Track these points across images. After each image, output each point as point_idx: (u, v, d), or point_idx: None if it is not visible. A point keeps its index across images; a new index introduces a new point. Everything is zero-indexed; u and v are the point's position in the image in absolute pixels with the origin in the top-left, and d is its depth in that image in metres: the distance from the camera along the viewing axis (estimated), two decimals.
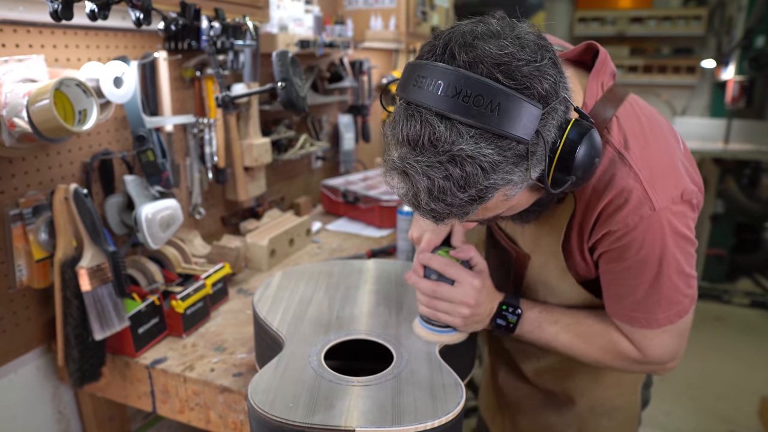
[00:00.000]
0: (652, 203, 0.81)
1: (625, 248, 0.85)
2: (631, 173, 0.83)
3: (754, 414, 2.54)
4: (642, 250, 0.84)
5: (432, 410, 0.76)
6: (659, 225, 0.82)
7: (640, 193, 0.82)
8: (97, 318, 1.11)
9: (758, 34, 3.78)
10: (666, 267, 0.85)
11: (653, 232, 0.82)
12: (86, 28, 1.24)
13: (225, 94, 1.29)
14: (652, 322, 0.89)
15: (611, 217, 0.84)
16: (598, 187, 0.85)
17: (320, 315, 1.01)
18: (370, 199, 1.97)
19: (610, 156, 0.84)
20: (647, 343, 0.91)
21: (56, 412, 1.29)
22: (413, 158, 0.68)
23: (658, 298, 0.87)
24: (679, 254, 0.85)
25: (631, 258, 0.85)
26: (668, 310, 0.88)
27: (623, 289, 0.89)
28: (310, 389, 0.80)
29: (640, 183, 0.82)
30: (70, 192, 1.10)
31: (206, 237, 1.69)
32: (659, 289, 0.86)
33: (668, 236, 0.83)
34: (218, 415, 1.11)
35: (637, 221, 0.82)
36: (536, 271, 1.02)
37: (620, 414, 1.15)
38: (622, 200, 0.83)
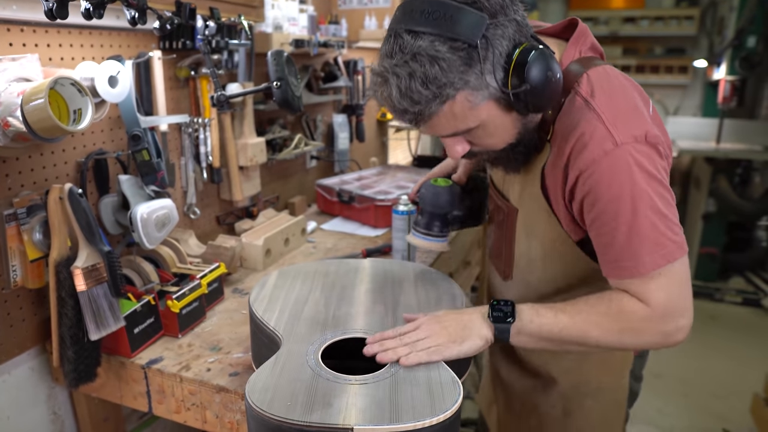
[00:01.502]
0: (614, 138, 0.87)
1: (595, 187, 0.88)
2: (594, 115, 0.89)
3: (747, 411, 2.56)
4: (611, 186, 0.87)
5: (430, 408, 0.76)
6: (624, 160, 0.86)
7: (602, 131, 0.88)
8: (92, 318, 1.10)
9: (749, 34, 3.81)
10: (639, 204, 0.86)
11: (619, 167, 0.87)
12: (80, 27, 1.24)
13: (220, 93, 1.28)
14: (639, 267, 0.88)
15: (578, 157, 0.89)
16: (566, 132, 0.92)
17: (317, 314, 1.01)
18: (365, 199, 1.97)
19: (578, 104, 0.92)
20: (644, 290, 0.89)
21: (51, 413, 1.28)
22: (387, 62, 0.84)
23: (639, 240, 0.87)
24: (651, 193, 0.87)
25: (602, 197, 0.88)
26: (653, 252, 0.87)
27: (605, 238, 0.90)
28: (308, 388, 0.80)
29: (602, 122, 0.88)
30: (65, 191, 1.10)
31: (201, 237, 1.69)
32: (638, 229, 0.87)
33: (635, 172, 0.86)
34: (215, 415, 1.10)
35: (601, 155, 0.87)
36: (524, 223, 1.07)
37: (606, 396, 1.16)
38: (586, 139, 0.88)
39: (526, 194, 1.04)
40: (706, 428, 2.61)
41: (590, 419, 1.16)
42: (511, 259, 1.12)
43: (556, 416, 1.18)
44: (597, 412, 1.16)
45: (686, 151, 3.95)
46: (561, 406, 1.17)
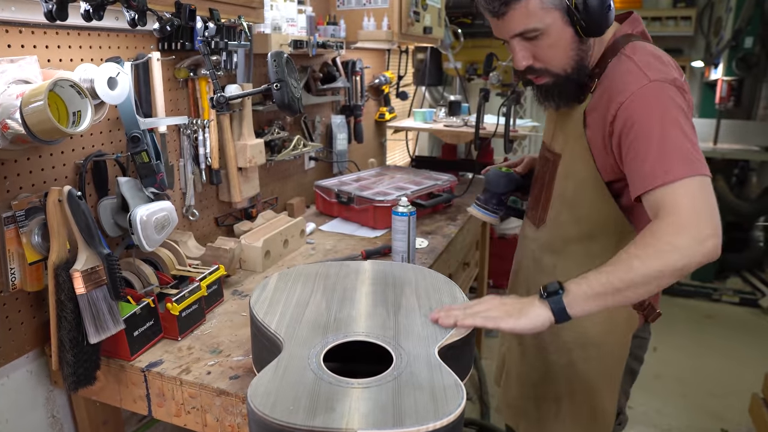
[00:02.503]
0: (647, 76, 1.05)
1: (631, 114, 1.04)
2: (632, 63, 1.09)
3: (745, 411, 2.57)
4: (645, 110, 1.03)
5: (433, 411, 0.75)
6: (656, 91, 1.04)
7: (637, 72, 1.07)
8: (92, 321, 1.10)
9: (746, 34, 3.82)
10: (670, 124, 1.01)
11: (652, 95, 1.03)
12: (80, 29, 1.23)
13: (219, 94, 1.28)
14: (670, 174, 0.98)
15: (619, 93, 1.07)
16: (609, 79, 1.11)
17: (318, 317, 1.01)
18: (363, 200, 1.97)
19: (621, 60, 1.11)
20: (672, 198, 0.97)
21: (49, 417, 1.28)
22: None
23: (671, 151, 0.99)
24: (680, 118, 1.02)
25: (638, 120, 1.03)
26: (682, 163, 0.98)
27: (641, 155, 1.03)
28: (311, 391, 0.80)
29: (638, 66, 1.07)
30: (64, 194, 1.09)
31: (200, 238, 1.68)
32: (670, 143, 1.00)
33: (666, 100, 1.03)
34: (215, 419, 1.10)
35: (636, 89, 1.04)
36: (564, 166, 1.25)
37: (607, 350, 1.28)
38: (625, 79, 1.07)
39: (570, 139, 1.22)
40: (705, 428, 2.61)
41: (592, 371, 1.29)
42: (548, 203, 1.30)
43: (562, 366, 1.32)
44: (599, 365, 1.29)
45: None
46: (566, 357, 1.31)
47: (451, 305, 1.03)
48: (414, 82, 3.43)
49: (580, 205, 1.22)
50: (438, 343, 0.92)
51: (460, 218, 2.13)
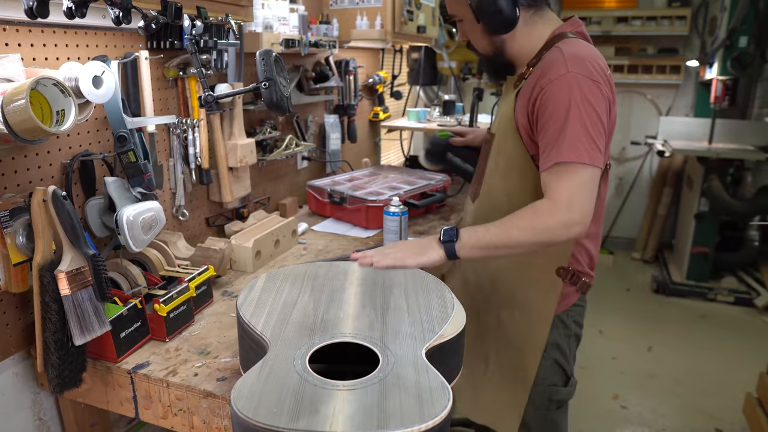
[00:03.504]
0: (567, 67, 1.20)
1: (546, 99, 1.20)
2: (560, 54, 1.23)
3: (740, 410, 2.56)
4: (557, 98, 1.19)
5: (418, 414, 0.74)
6: (570, 83, 1.18)
7: (561, 62, 1.21)
8: (77, 323, 1.08)
9: (741, 34, 3.82)
10: (572, 115, 1.17)
11: (566, 86, 1.18)
12: (65, 27, 1.22)
13: (208, 93, 1.27)
14: (558, 156, 1.17)
15: (542, 79, 1.22)
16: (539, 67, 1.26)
17: (305, 318, 1.00)
18: (356, 200, 1.96)
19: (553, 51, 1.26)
20: (555, 185, 1.18)
21: (36, 419, 1.26)
22: None
23: (563, 138, 1.17)
24: (584, 115, 1.17)
25: (550, 106, 1.20)
26: (570, 149, 1.16)
27: (545, 138, 1.21)
28: (295, 394, 0.78)
29: (563, 57, 1.22)
30: (49, 194, 1.08)
31: (190, 239, 1.67)
32: (565, 131, 1.17)
33: (576, 94, 1.17)
34: (202, 421, 1.09)
35: (555, 77, 1.20)
36: (497, 143, 1.39)
37: (532, 311, 1.40)
38: (548, 66, 1.23)
39: (503, 120, 1.37)
40: (699, 428, 2.61)
41: (517, 330, 1.42)
42: (482, 177, 1.43)
43: (491, 326, 1.47)
44: (523, 326, 1.42)
45: (679, 150, 3.95)
46: (495, 317, 1.46)
47: (366, 251, 1.28)
48: (408, 81, 3.42)
49: (510, 179, 1.36)
50: (425, 345, 0.91)
51: (453, 218, 2.12)
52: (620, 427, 2.63)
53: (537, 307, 1.40)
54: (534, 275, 1.39)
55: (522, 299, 1.42)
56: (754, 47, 3.89)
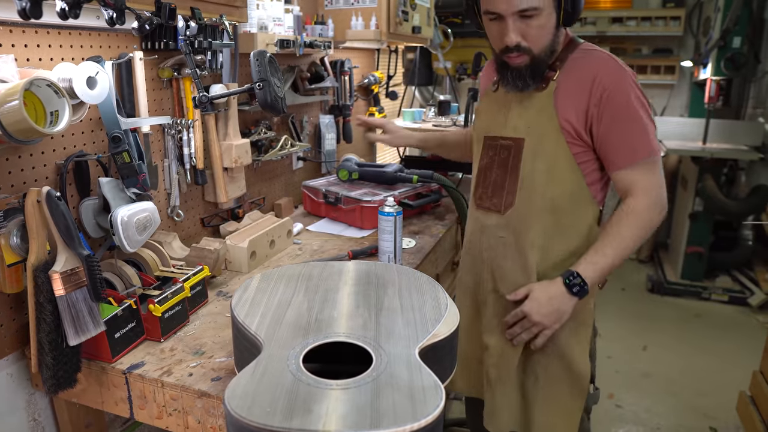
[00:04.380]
0: (624, 69, 1.29)
1: (615, 97, 1.27)
2: (605, 55, 1.32)
3: (734, 409, 2.58)
4: (625, 98, 1.27)
5: (411, 413, 0.75)
6: (629, 82, 1.28)
7: (615, 63, 1.30)
8: (71, 323, 1.08)
9: (734, 34, 3.84)
10: (640, 113, 1.28)
11: (628, 85, 1.28)
12: (59, 28, 1.22)
13: (202, 94, 1.27)
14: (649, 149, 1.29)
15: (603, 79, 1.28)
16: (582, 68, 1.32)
17: (299, 318, 1.00)
18: (351, 200, 1.96)
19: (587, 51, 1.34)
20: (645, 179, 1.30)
21: (31, 420, 1.26)
22: None
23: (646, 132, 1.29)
24: (647, 109, 1.30)
25: (621, 103, 1.27)
26: (647, 146, 1.29)
27: (624, 133, 1.28)
28: (288, 393, 0.79)
29: (614, 60, 1.31)
30: (43, 195, 1.08)
31: (185, 239, 1.67)
32: (645, 125, 1.28)
33: (637, 91, 1.29)
34: (197, 420, 1.09)
35: (617, 77, 1.28)
36: (531, 147, 1.37)
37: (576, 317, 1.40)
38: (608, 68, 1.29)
39: (536, 122, 1.36)
40: (694, 427, 2.62)
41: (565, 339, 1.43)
42: (515, 186, 1.40)
43: None
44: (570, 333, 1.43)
45: (673, 150, 3.97)
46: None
47: (512, 330, 1.40)
48: (404, 81, 3.43)
49: (555, 183, 1.36)
50: (419, 344, 0.92)
51: (448, 218, 2.12)
52: (615, 426, 2.64)
53: (579, 311, 1.40)
54: None
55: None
56: (747, 48, 3.91)
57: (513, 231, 1.42)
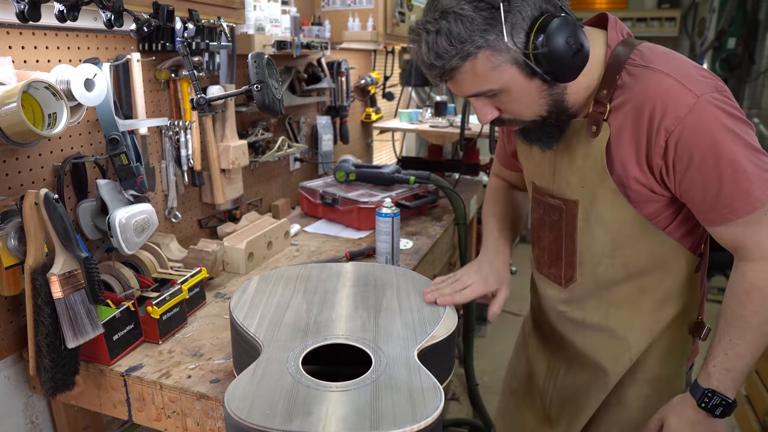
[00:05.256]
0: (692, 92, 0.90)
1: (687, 143, 0.91)
2: (663, 76, 0.93)
3: None
4: (704, 136, 0.90)
5: (411, 415, 0.75)
6: (708, 108, 0.90)
7: (677, 88, 0.91)
8: (69, 326, 1.08)
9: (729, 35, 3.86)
10: (735, 145, 0.89)
11: (707, 117, 0.90)
12: (56, 29, 1.21)
13: (200, 96, 1.27)
14: (753, 201, 0.90)
15: (663, 119, 0.92)
16: (636, 101, 0.95)
17: (298, 319, 1.00)
18: (348, 201, 1.97)
19: (639, 73, 0.95)
20: (759, 236, 0.92)
21: (28, 423, 1.26)
22: (422, 19, 0.93)
23: (746, 177, 0.89)
24: (741, 133, 0.90)
25: (698, 149, 0.90)
26: (762, 185, 0.90)
27: (711, 187, 0.92)
28: (288, 395, 0.79)
29: (675, 80, 0.92)
30: (40, 197, 1.08)
31: (183, 241, 1.67)
32: (742, 168, 0.89)
33: (722, 117, 0.90)
34: (195, 423, 1.09)
35: (685, 111, 0.90)
36: (587, 210, 1.07)
37: (663, 384, 1.15)
38: (665, 99, 0.91)
39: (588, 181, 1.05)
40: None
41: (646, 408, 1.14)
42: (574, 257, 1.12)
43: (611, 403, 1.18)
44: (654, 401, 1.13)
45: None
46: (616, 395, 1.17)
47: None
48: (400, 82, 3.43)
49: (622, 249, 1.07)
50: (418, 346, 0.92)
51: (445, 219, 2.13)
52: None
53: (667, 376, 1.15)
54: (665, 341, 1.13)
55: (653, 373, 1.15)
56: (742, 49, 3.94)
57: (577, 304, 1.17)
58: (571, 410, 1.23)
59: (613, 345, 1.14)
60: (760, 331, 0.95)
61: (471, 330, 2.50)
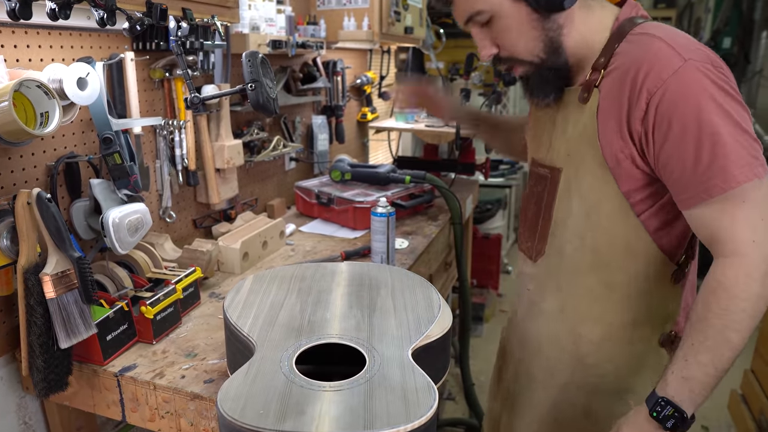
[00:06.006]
0: (680, 55, 0.86)
1: (669, 108, 0.86)
2: (656, 39, 0.90)
3: (725, 407, 2.60)
4: (687, 103, 0.85)
5: (404, 414, 0.75)
6: (695, 76, 0.85)
7: (666, 50, 0.87)
8: (62, 326, 1.08)
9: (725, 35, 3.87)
10: (719, 117, 0.83)
11: (692, 82, 0.85)
12: (50, 28, 1.21)
13: (194, 95, 1.26)
14: (729, 181, 0.83)
15: (645, 80, 0.88)
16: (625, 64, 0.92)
17: (292, 319, 1.00)
18: (343, 201, 1.96)
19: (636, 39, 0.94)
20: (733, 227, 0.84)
21: (22, 423, 1.25)
22: None
23: (725, 153, 0.83)
24: (729, 109, 0.84)
25: (678, 117, 0.85)
26: (741, 165, 0.83)
27: (687, 161, 0.86)
28: (281, 395, 0.79)
29: (666, 43, 0.88)
30: (33, 197, 1.07)
31: (178, 240, 1.66)
32: (723, 143, 0.83)
33: (709, 86, 0.84)
34: (189, 423, 1.09)
35: (669, 74, 0.85)
36: (569, 179, 1.05)
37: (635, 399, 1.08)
38: (651, 60, 0.88)
39: (574, 148, 1.03)
40: None
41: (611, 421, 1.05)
42: (547, 230, 1.10)
43: (577, 415, 1.13)
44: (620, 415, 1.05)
45: None
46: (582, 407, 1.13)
47: None
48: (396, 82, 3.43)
49: (594, 230, 1.02)
50: (412, 345, 0.92)
51: (441, 218, 2.13)
52: None
53: (638, 392, 1.08)
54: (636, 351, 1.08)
55: (623, 386, 1.10)
56: (737, 48, 3.95)
57: (540, 286, 1.14)
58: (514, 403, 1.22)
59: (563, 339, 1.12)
60: (722, 337, 0.86)
61: (467, 330, 2.50)
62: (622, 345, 1.08)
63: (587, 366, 1.11)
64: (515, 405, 1.26)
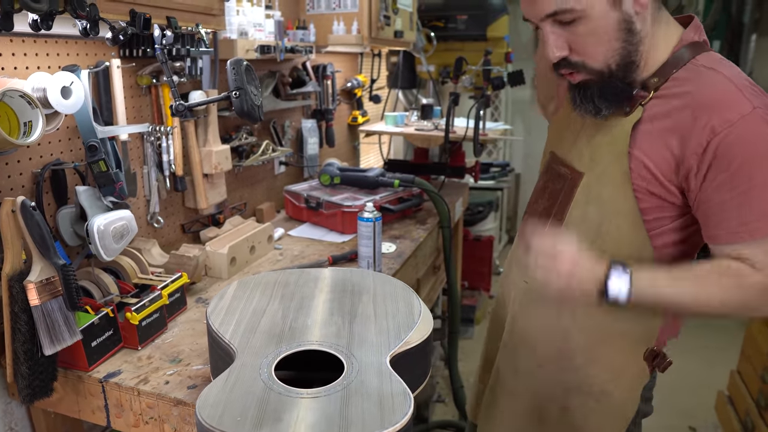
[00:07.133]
0: (750, 101, 0.89)
1: (729, 148, 0.89)
2: (724, 79, 0.92)
3: (713, 408, 2.62)
4: (749, 147, 0.88)
5: (379, 421, 0.76)
6: (761, 124, 0.88)
7: (736, 95, 0.90)
8: (46, 332, 1.08)
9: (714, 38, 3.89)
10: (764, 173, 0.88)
11: (758, 130, 0.88)
12: (35, 36, 1.22)
13: (179, 102, 1.28)
14: (753, 228, 0.89)
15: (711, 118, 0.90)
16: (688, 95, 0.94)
17: (273, 326, 1.01)
18: (332, 205, 1.97)
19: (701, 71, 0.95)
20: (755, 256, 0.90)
21: (7, 429, 1.26)
22: None
23: (755, 202, 0.88)
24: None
25: (738, 158, 0.89)
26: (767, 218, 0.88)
27: (735, 199, 0.90)
28: (259, 402, 0.80)
29: (735, 86, 0.91)
30: (17, 204, 1.08)
31: (166, 246, 1.67)
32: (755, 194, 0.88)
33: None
34: (173, 428, 1.10)
35: (738, 117, 0.88)
36: (589, 185, 1.06)
37: (611, 404, 1.14)
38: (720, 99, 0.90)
39: (602, 157, 1.04)
40: (673, 426, 2.66)
41: (588, 420, 1.14)
42: (556, 227, 1.12)
43: (553, 414, 1.20)
44: (599, 416, 1.13)
45: None
46: (560, 404, 1.18)
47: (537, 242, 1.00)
48: (387, 85, 3.44)
49: (604, 237, 1.05)
50: (390, 352, 0.93)
51: (430, 222, 2.14)
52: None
53: (618, 397, 1.14)
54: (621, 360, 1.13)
55: (600, 388, 1.14)
56: (727, 51, 3.97)
57: None
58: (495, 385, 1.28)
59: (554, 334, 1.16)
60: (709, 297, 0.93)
61: (455, 332, 2.51)
62: (609, 351, 1.13)
63: (573, 365, 1.15)
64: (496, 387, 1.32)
